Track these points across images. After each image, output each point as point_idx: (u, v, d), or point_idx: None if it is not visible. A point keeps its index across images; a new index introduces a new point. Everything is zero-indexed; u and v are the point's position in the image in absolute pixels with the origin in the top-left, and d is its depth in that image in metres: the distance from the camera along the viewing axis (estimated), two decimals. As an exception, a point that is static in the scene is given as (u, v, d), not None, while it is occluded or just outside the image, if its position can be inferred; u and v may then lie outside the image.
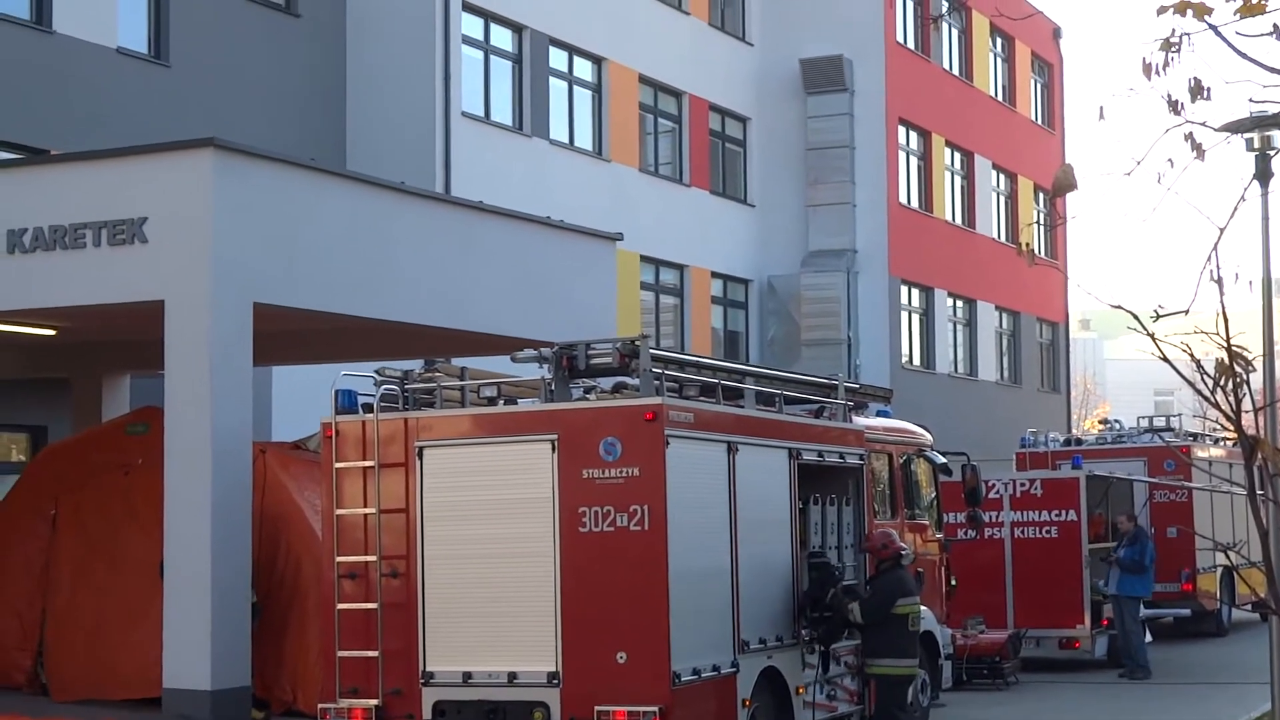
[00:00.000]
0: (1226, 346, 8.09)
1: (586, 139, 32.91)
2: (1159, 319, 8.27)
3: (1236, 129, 15.85)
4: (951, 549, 19.87)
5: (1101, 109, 8.27)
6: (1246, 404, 8.51)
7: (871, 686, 15.60)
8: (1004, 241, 45.12)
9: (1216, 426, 29.23)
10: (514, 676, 13.12)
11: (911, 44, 40.53)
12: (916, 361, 40.47)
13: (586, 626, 12.91)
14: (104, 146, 19.70)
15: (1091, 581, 23.48)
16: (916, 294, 40.49)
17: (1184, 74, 7.72)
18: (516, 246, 19.86)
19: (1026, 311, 46.61)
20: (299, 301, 16.74)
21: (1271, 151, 17.47)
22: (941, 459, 19.41)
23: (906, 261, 39.10)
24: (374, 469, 13.67)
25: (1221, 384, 8.17)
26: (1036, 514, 23.91)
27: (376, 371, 13.98)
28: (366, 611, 13.59)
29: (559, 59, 31.99)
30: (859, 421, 17.20)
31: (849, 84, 37.83)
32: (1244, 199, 8.95)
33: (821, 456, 15.69)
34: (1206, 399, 8.39)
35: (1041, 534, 23.80)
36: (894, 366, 37.98)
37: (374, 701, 13.46)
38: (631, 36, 33.93)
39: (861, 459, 16.52)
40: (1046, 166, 46.09)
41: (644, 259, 33.65)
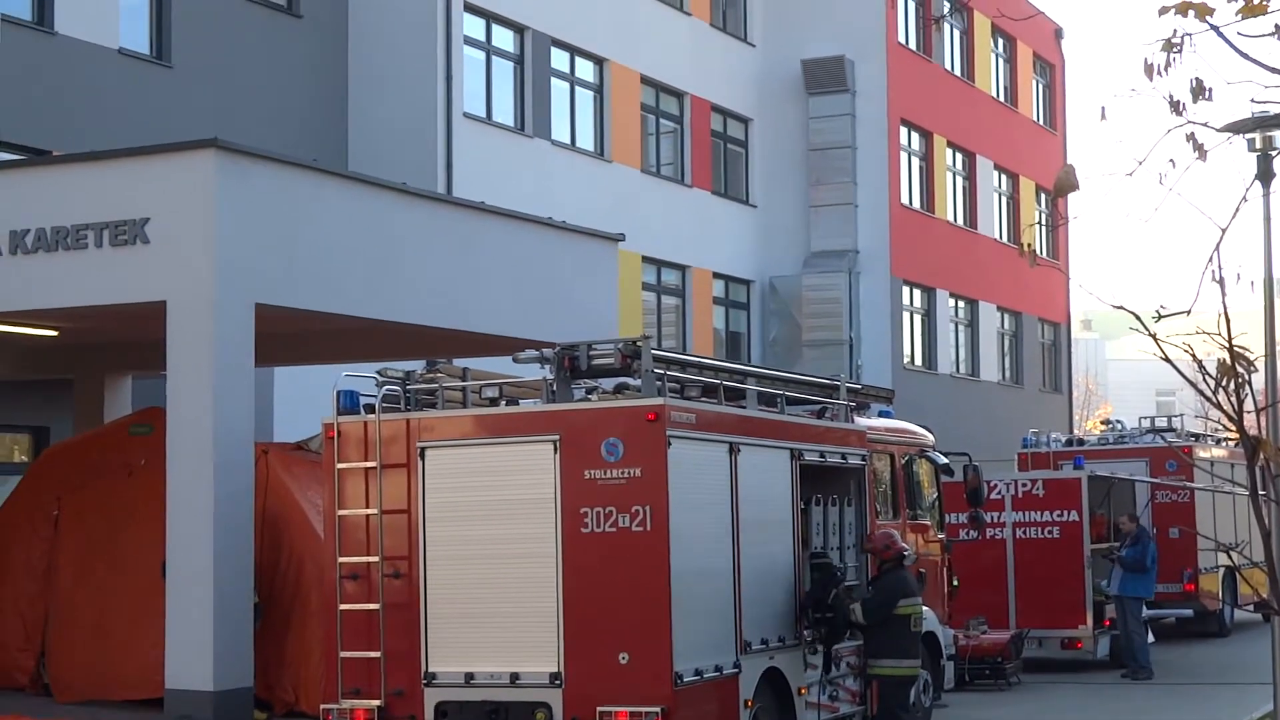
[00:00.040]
0: (1228, 347, 8.10)
1: (588, 139, 32.90)
2: (1161, 319, 8.28)
3: (1238, 129, 15.85)
4: (953, 549, 19.87)
5: (1103, 109, 8.27)
6: (1248, 404, 8.51)
7: (874, 687, 15.59)
8: (1006, 242, 45.09)
9: (1218, 427, 29.24)
10: (516, 677, 13.12)
11: (913, 45, 40.52)
12: (918, 362, 40.45)
13: (589, 627, 12.91)
14: (106, 147, 19.70)
15: (1094, 582, 23.47)
16: (918, 294, 40.48)
17: (1185, 74, 7.73)
18: (518, 247, 19.86)
19: (1028, 312, 46.59)
20: (301, 302, 16.74)
21: (1273, 152, 17.45)
22: (943, 459, 19.39)
23: (908, 262, 39.09)
24: (376, 470, 13.67)
25: (1223, 384, 8.17)
26: (1038, 514, 23.90)
27: (378, 372, 13.98)
28: (369, 612, 13.59)
29: (560, 59, 31.99)
30: (861, 422, 17.19)
31: (850, 85, 37.82)
32: (1246, 199, 8.95)
33: (823, 457, 15.69)
34: (1208, 399, 8.39)
35: (1043, 534, 23.79)
36: (896, 367, 37.96)
37: (376, 702, 13.46)
38: (633, 37, 33.92)
39: (863, 459, 16.52)
40: (1048, 167, 46.08)
41: (646, 259, 33.64)
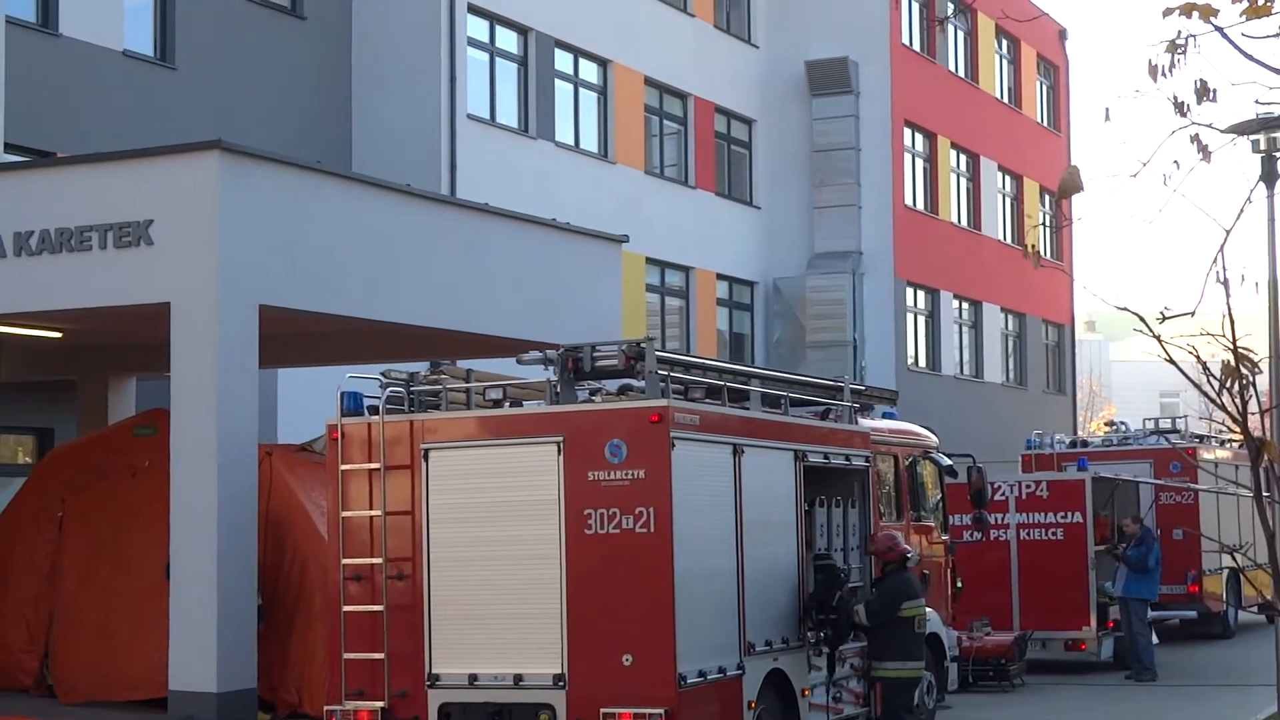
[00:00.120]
0: (1233, 348, 8.10)
1: (592, 141, 32.90)
2: (1165, 321, 8.28)
3: (1242, 131, 15.87)
4: (957, 551, 19.87)
5: (1107, 111, 8.28)
6: (1252, 406, 8.51)
7: (877, 689, 15.60)
8: (1010, 243, 45.07)
9: (1222, 428, 29.26)
10: (520, 678, 13.11)
11: (917, 46, 40.50)
12: (922, 363, 40.44)
13: (592, 628, 12.91)
14: (110, 149, 19.71)
15: (1098, 584, 23.46)
16: (922, 296, 40.47)
17: (1190, 76, 7.75)
18: (522, 249, 19.85)
19: (1032, 313, 46.57)
20: (305, 304, 16.74)
21: (1277, 153, 17.46)
22: (947, 461, 19.38)
23: (912, 263, 39.08)
24: (379, 471, 13.67)
25: (1227, 386, 8.17)
26: (1042, 516, 23.89)
27: (382, 374, 13.98)
28: (372, 614, 13.59)
29: (564, 61, 31.99)
30: (864, 423, 17.19)
31: (854, 86, 37.81)
32: (1250, 201, 8.95)
33: (827, 458, 15.69)
34: (1212, 401, 8.40)
35: (1047, 536, 23.78)
36: (899, 368, 37.95)
37: (380, 704, 13.45)
38: (637, 38, 33.92)
39: (867, 461, 16.51)
40: (1052, 168, 46.05)
41: (649, 261, 33.64)
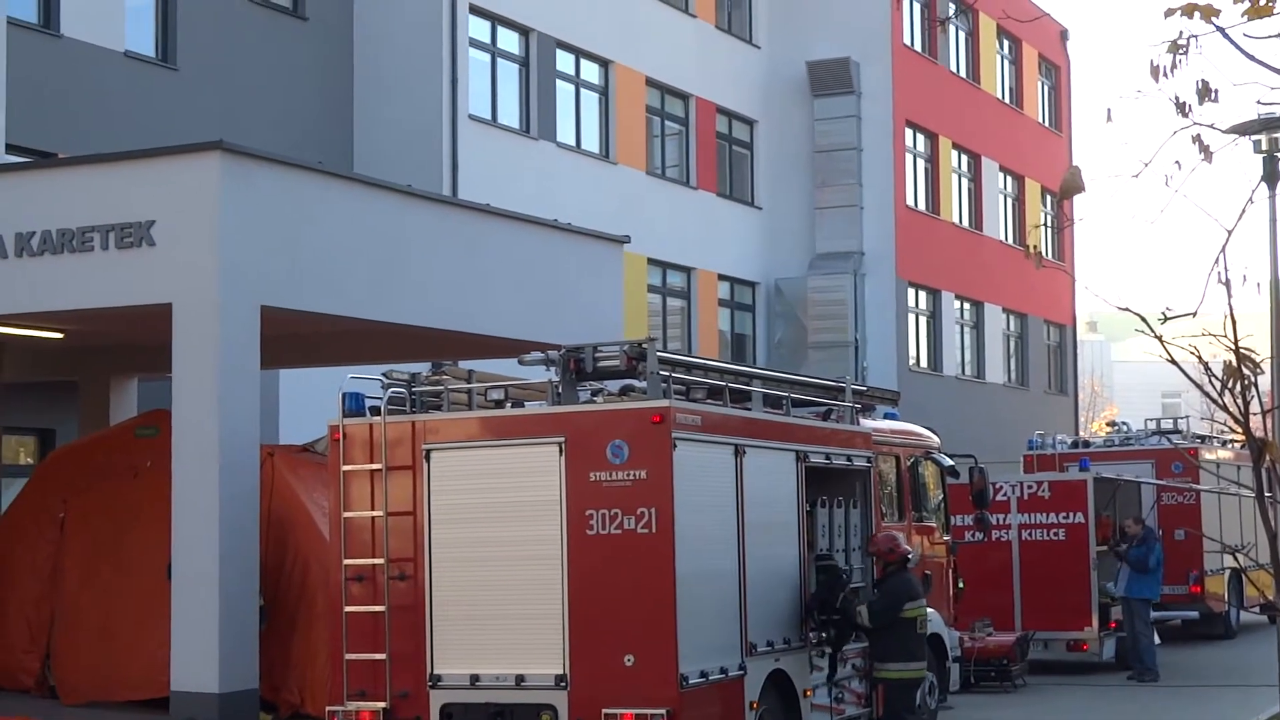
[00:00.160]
0: (1234, 349, 8.10)
1: (593, 142, 32.91)
2: (1167, 321, 8.28)
3: (1244, 131, 15.88)
4: (959, 551, 19.86)
5: (1109, 111, 8.28)
6: (1254, 406, 8.51)
7: (879, 690, 15.59)
8: (1011, 244, 45.07)
9: (1224, 429, 29.25)
10: (522, 679, 13.11)
11: (918, 46, 40.50)
12: (924, 364, 40.44)
13: (594, 629, 12.90)
14: (111, 150, 19.72)
15: (1100, 584, 23.45)
16: (924, 296, 40.46)
17: (1191, 76, 7.76)
18: (523, 249, 19.86)
19: (1034, 314, 46.56)
20: (306, 304, 16.74)
21: (1278, 154, 17.46)
22: (949, 461, 19.38)
23: (913, 264, 39.08)
24: (381, 472, 13.67)
25: (1229, 386, 8.18)
26: (1044, 516, 23.89)
27: (384, 374, 13.98)
28: (374, 614, 13.59)
29: (566, 62, 31.99)
30: (866, 424, 17.18)
31: (856, 86, 37.82)
32: (1252, 201, 8.95)
33: (829, 459, 15.68)
34: (1214, 401, 8.40)
35: (1049, 536, 23.77)
36: (901, 369, 37.95)
37: (382, 704, 13.45)
38: (638, 39, 33.92)
39: (869, 461, 16.50)
40: (1054, 169, 46.03)
41: (651, 262, 33.64)
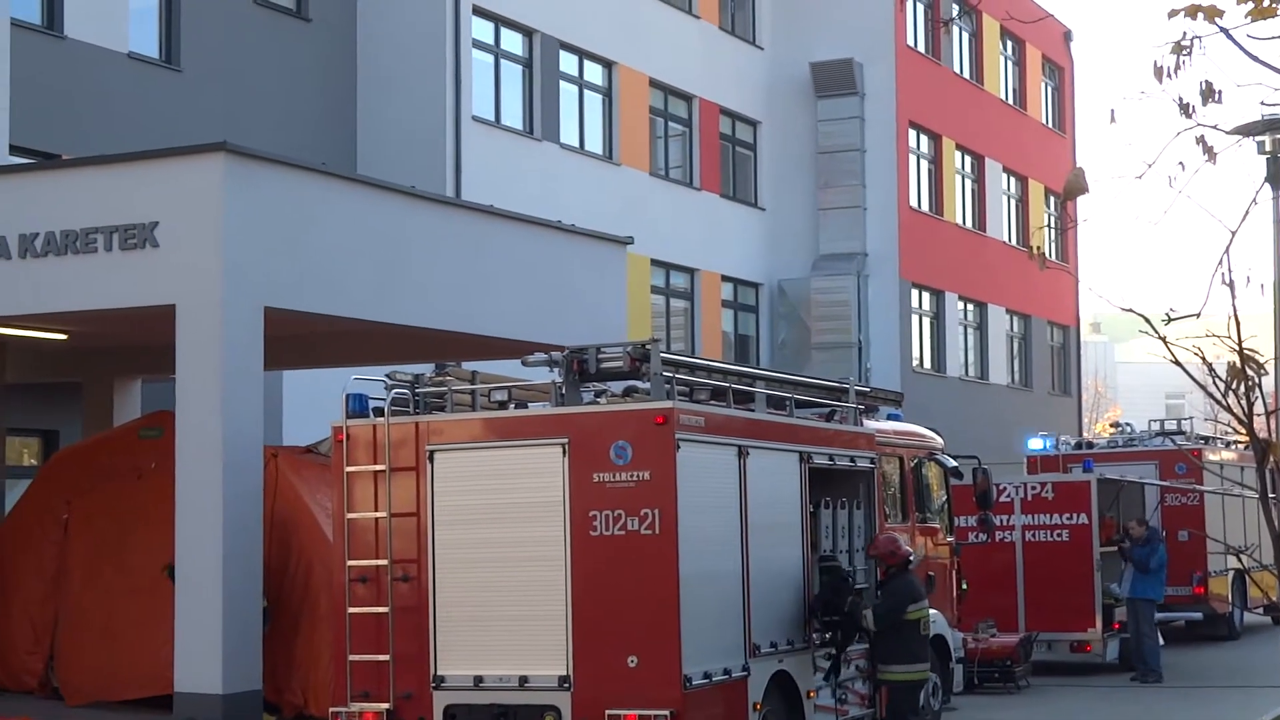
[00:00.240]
0: (1238, 350, 8.09)
1: (597, 143, 32.92)
2: (1170, 322, 8.28)
3: (1248, 132, 15.86)
4: (963, 552, 19.85)
5: (1113, 112, 8.27)
6: (1258, 407, 8.51)
7: (883, 691, 15.59)
8: (1015, 245, 45.05)
9: (1228, 430, 29.24)
10: (525, 680, 13.10)
11: (922, 47, 40.50)
12: (927, 365, 40.42)
13: (597, 630, 12.90)
14: (115, 151, 19.72)
15: (1103, 585, 23.44)
16: (927, 297, 40.45)
17: (1195, 77, 7.74)
18: (527, 250, 19.86)
19: (1037, 315, 46.55)
20: (310, 306, 16.75)
21: (1283, 154, 17.43)
22: (952, 462, 19.37)
23: (917, 265, 39.06)
24: (385, 473, 13.68)
25: (1233, 387, 8.17)
26: (1048, 517, 23.87)
27: (387, 375, 13.98)
28: (377, 615, 13.59)
29: (569, 63, 32.00)
30: (870, 425, 17.17)
31: (859, 87, 37.81)
32: (1255, 202, 8.95)
33: (832, 460, 15.67)
34: (1218, 402, 8.39)
35: (1053, 537, 23.76)
36: (905, 370, 37.94)
37: (385, 705, 13.45)
38: (642, 40, 33.92)
39: (872, 462, 16.49)
40: (1057, 170, 46.00)
41: (654, 263, 33.65)
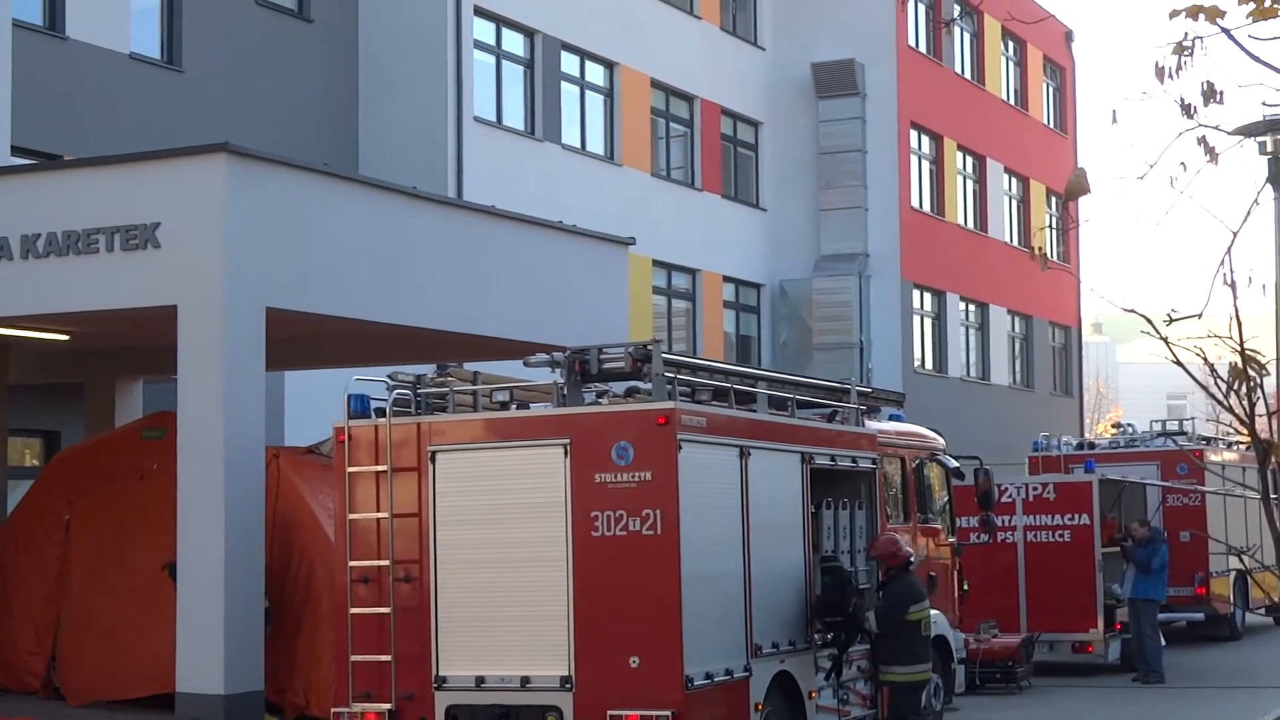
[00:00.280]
0: (1240, 350, 8.09)
1: (598, 143, 32.92)
2: (1172, 323, 8.28)
3: (1249, 133, 15.85)
4: (964, 553, 19.85)
5: (1114, 113, 8.27)
6: (1260, 408, 8.51)
7: (884, 692, 15.60)
8: (1016, 245, 45.04)
9: (1230, 430, 29.19)
10: (527, 681, 13.11)
11: (923, 48, 40.49)
12: (929, 365, 40.41)
13: (599, 630, 12.90)
14: (117, 152, 19.73)
15: (1105, 585, 23.44)
16: (928, 298, 40.44)
17: (1196, 78, 7.74)
18: (529, 251, 19.87)
19: (1039, 315, 46.53)
20: (311, 306, 16.76)
21: (1284, 155, 17.41)
22: (954, 463, 19.37)
23: (918, 265, 39.06)
24: (387, 473, 13.68)
25: (1235, 388, 8.17)
26: (1049, 518, 23.87)
27: (389, 376, 13.99)
28: (379, 616, 13.59)
29: (571, 63, 32.00)
30: (871, 426, 17.18)
31: (861, 88, 37.81)
32: (1257, 202, 8.95)
33: (834, 461, 15.68)
34: (1220, 403, 8.39)
35: (1054, 538, 23.76)
36: (906, 370, 37.93)
37: (387, 706, 13.45)
38: (643, 41, 33.93)
39: (874, 463, 16.49)
40: (1059, 170, 46.00)
41: (656, 263, 33.65)
